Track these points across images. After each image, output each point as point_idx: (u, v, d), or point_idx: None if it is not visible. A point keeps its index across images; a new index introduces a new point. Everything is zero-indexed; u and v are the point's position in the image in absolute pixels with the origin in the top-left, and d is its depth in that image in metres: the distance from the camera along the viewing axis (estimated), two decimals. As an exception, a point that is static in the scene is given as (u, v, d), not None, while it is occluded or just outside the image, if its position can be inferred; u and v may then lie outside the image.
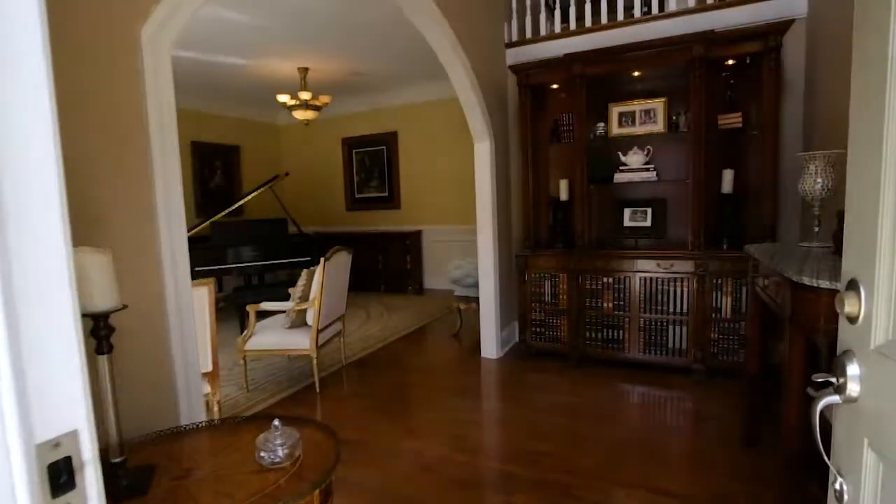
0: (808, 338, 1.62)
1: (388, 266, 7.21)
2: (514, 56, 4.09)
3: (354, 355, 4.18)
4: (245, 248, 5.57)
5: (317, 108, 6.04)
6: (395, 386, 3.47)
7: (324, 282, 3.25)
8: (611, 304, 3.55)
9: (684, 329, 3.36)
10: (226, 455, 1.29)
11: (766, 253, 2.01)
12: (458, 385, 3.45)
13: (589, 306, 3.62)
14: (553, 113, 4.00)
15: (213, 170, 7.45)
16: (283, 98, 5.80)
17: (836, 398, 0.86)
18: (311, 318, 3.34)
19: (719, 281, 3.25)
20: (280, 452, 1.18)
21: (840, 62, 2.73)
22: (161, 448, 1.33)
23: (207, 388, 2.54)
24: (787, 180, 3.36)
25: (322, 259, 3.24)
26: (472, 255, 6.80)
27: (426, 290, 7.26)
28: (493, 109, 3.88)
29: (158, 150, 1.65)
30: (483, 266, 3.97)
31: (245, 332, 3.37)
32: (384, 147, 7.56)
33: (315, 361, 3.33)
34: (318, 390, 3.38)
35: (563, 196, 3.88)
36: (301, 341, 3.33)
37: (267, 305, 3.35)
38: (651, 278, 3.41)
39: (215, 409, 2.57)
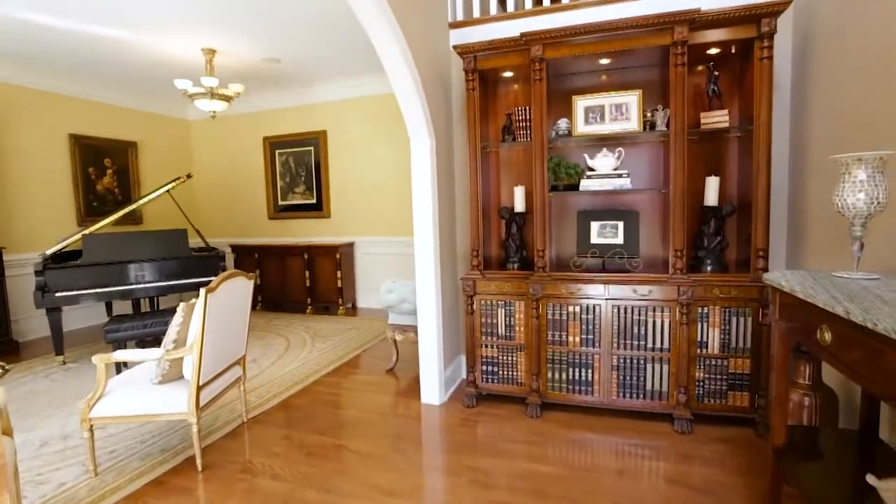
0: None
1: (316, 283, 6.30)
2: (460, 38, 3.42)
3: (261, 405, 3.29)
4: (129, 267, 4.50)
5: (226, 99, 5.09)
6: (309, 453, 2.65)
7: (206, 322, 2.38)
8: (577, 338, 2.93)
9: (665, 367, 2.80)
10: None
11: (820, 289, 1.43)
12: (391, 449, 2.69)
13: (552, 341, 2.98)
14: (506, 106, 3.36)
15: (102, 170, 6.22)
16: (184, 84, 4.80)
17: None
18: (189, 369, 2.45)
19: (705, 310, 2.72)
20: None
21: (842, 52, 2.27)
22: None
23: (-11, 506, 1.62)
24: (776, 191, 2.90)
25: (203, 290, 2.37)
26: (412, 266, 6.08)
27: (359, 309, 6.42)
28: (435, 101, 3.17)
29: None
30: (423, 292, 3.23)
31: (92, 392, 2.42)
32: (312, 148, 6.66)
33: (196, 428, 2.44)
34: (199, 467, 2.49)
35: (519, 206, 3.24)
36: (176, 401, 2.43)
37: (122, 355, 2.42)
38: (625, 307, 2.83)
39: (4, 536, 1.65)
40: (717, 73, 2.80)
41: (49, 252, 4.40)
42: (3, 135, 5.11)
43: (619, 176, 2.90)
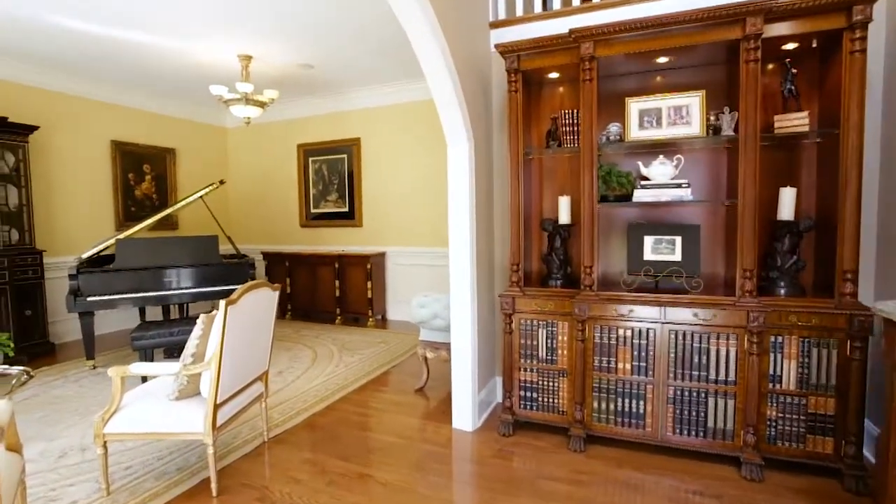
0: None
1: (346, 293, 6.17)
2: (501, 38, 3.21)
3: (284, 422, 3.12)
4: (160, 272, 4.46)
5: (261, 105, 5.04)
6: (331, 482, 2.45)
7: (225, 336, 2.22)
8: (628, 366, 2.63)
9: (730, 403, 2.46)
10: None
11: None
12: (419, 481, 2.45)
13: (598, 367, 2.69)
14: (551, 110, 3.12)
15: (141, 175, 6.31)
16: (219, 90, 4.78)
17: None
18: (206, 386, 2.30)
19: (779, 339, 2.38)
20: None
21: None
22: None
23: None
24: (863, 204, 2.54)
25: (223, 303, 2.21)
26: (444, 279, 5.87)
27: (389, 321, 6.24)
28: (473, 103, 2.97)
29: None
30: (457, 308, 3.00)
31: (107, 406, 2.30)
32: (345, 155, 6.58)
33: (212, 450, 2.28)
34: (214, 492, 2.32)
35: (564, 218, 2.98)
36: (192, 420, 2.28)
37: (138, 369, 2.28)
38: (684, 332, 2.52)
39: (-6, 571, 1.50)
40: (794, 71, 2.48)
41: (85, 256, 4.41)
42: (48, 141, 5.22)
43: (679, 186, 2.60)
